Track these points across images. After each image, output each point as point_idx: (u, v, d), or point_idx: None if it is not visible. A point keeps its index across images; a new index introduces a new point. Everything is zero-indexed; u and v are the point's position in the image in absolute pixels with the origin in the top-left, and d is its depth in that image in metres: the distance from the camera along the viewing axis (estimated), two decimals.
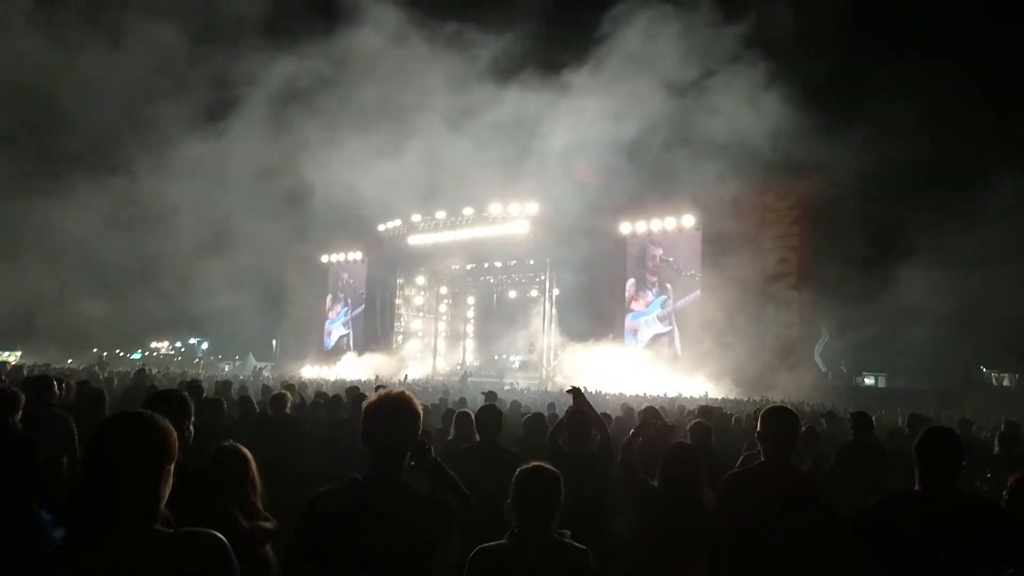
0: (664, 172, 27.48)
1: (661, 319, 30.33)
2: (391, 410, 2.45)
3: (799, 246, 26.96)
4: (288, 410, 6.95)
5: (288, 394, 7.27)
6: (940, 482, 2.84)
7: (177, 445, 1.83)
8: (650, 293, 31.01)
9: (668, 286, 30.38)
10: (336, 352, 39.98)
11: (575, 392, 4.84)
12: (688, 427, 5.77)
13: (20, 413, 4.20)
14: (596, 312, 30.85)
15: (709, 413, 8.29)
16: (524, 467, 2.81)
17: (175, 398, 2.97)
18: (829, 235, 25.42)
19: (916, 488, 2.89)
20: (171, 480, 1.81)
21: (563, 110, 29.81)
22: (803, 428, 5.70)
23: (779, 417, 3.46)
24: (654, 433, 4.49)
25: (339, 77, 31.19)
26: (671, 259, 30.38)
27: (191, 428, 2.91)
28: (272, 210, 34.33)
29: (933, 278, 22.86)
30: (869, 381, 32.03)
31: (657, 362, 27.93)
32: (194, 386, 7.32)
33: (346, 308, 41.63)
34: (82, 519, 1.70)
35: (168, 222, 34.15)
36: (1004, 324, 25.48)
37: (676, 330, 29.62)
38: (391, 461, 2.44)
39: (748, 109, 26.47)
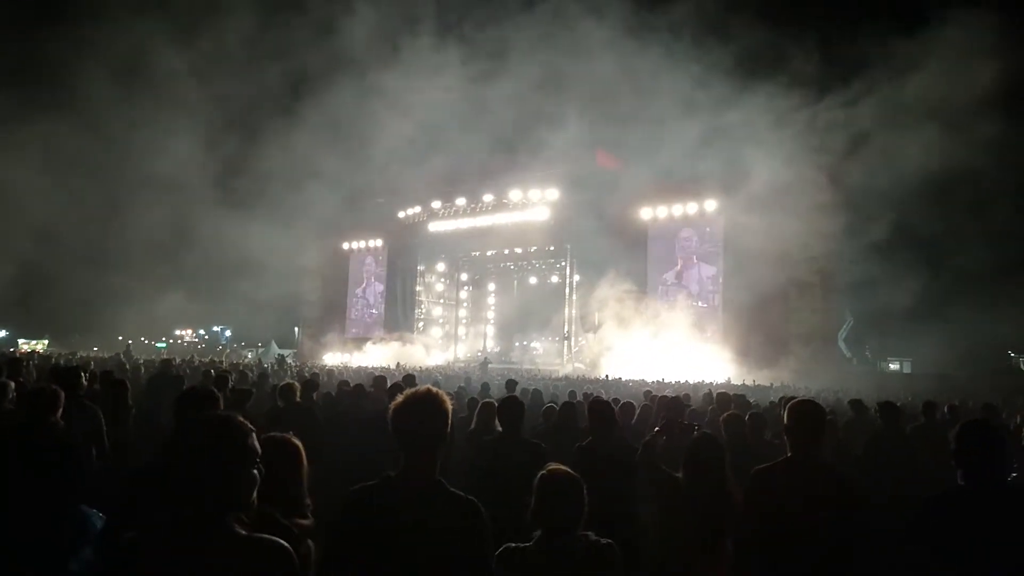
0: (685, 157, 27.27)
1: (699, 297, 29.93)
2: (420, 409, 2.41)
3: (824, 231, 26.60)
4: (299, 399, 6.96)
5: (296, 383, 7.27)
6: (986, 478, 2.84)
7: (255, 444, 1.92)
8: (672, 275, 30.72)
9: (697, 269, 30.05)
10: (366, 336, 39.73)
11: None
12: (722, 419, 5.73)
13: (61, 410, 4.24)
14: (617, 298, 30.72)
15: (728, 401, 8.22)
16: (544, 473, 2.77)
17: (207, 396, 2.99)
18: (854, 219, 25.10)
19: (961, 484, 2.89)
20: (254, 478, 1.90)
21: (578, 98, 29.64)
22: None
23: (807, 411, 3.42)
24: (678, 431, 4.45)
25: (350, 63, 31.20)
26: (698, 241, 30.07)
27: None
28: (293, 198, 34.52)
29: (959, 263, 22.54)
30: (894, 366, 31.71)
31: (680, 347, 27.77)
32: (220, 378, 7.40)
33: (379, 293, 41.44)
34: (161, 514, 1.79)
35: (190, 212, 34.47)
36: None
37: (711, 313, 29.24)
38: (424, 459, 2.40)
39: (769, 94, 26.21)
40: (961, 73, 23.63)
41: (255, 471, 1.90)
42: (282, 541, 1.84)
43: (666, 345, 27.76)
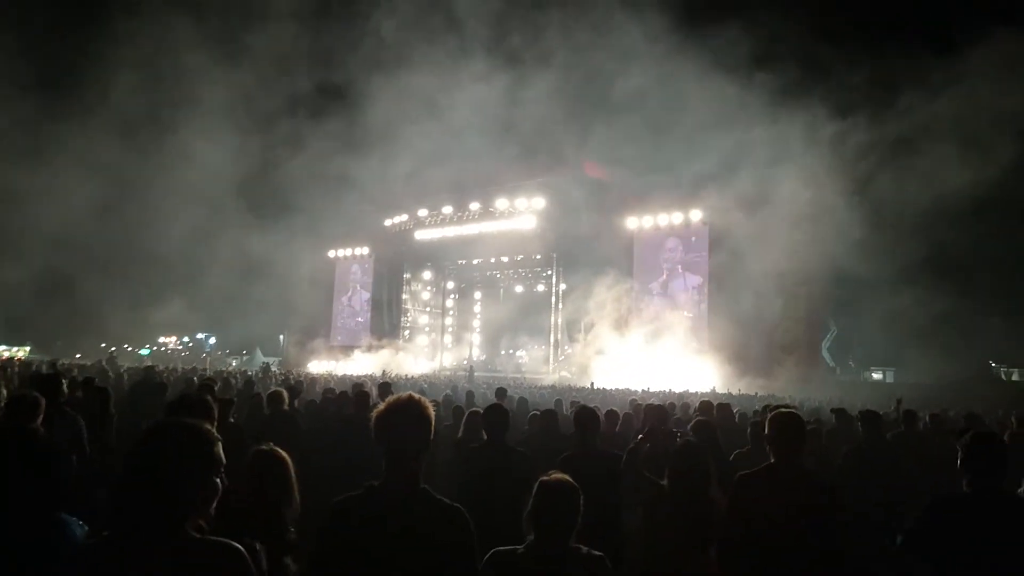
0: (673, 167, 27.45)
1: (684, 307, 30.02)
2: (402, 417, 2.38)
3: (809, 241, 26.77)
4: (286, 407, 6.93)
5: (284, 392, 7.25)
6: (990, 486, 2.90)
7: (220, 454, 1.93)
8: (657, 284, 30.82)
9: (683, 278, 30.15)
10: (352, 344, 39.73)
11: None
12: (690, 426, 5.75)
13: (41, 417, 4.20)
14: (603, 307, 30.78)
15: (710, 409, 8.27)
16: (545, 479, 2.75)
17: (199, 403, 2.97)
18: (837, 230, 25.29)
19: (967, 492, 2.93)
20: (215, 487, 1.91)
21: (565, 108, 29.79)
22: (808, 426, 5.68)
23: (787, 422, 3.48)
24: (661, 438, 4.47)
25: (346, 71, 31.20)
26: (683, 250, 30.19)
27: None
28: (279, 206, 34.43)
29: (943, 273, 22.77)
30: (877, 376, 31.94)
31: (664, 356, 27.83)
32: (205, 386, 7.33)
33: (365, 301, 41.44)
34: (117, 519, 1.81)
35: (177, 218, 34.29)
36: (1013, 319, 25.37)
37: (696, 322, 29.31)
38: (407, 467, 2.38)
39: (756, 105, 26.45)
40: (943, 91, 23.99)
41: (218, 480, 1.92)
42: (234, 543, 1.86)
43: (652, 354, 27.85)
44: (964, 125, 23.07)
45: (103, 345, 39.76)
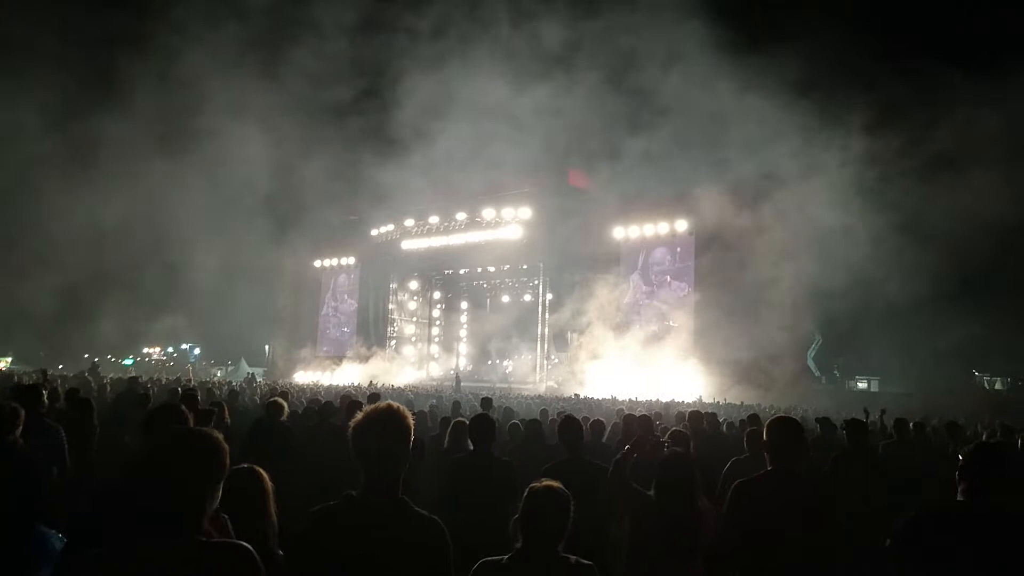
0: (658, 177, 27.58)
1: (671, 316, 30.12)
2: (381, 426, 2.37)
3: (794, 250, 26.93)
4: (284, 418, 6.91)
5: (283, 402, 7.22)
6: (989, 496, 2.85)
7: (227, 462, 2.02)
8: (644, 294, 30.93)
9: (669, 288, 30.28)
10: (339, 354, 39.68)
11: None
12: (666, 436, 5.76)
13: (21, 428, 4.13)
14: (590, 316, 30.83)
15: (700, 419, 8.30)
16: (534, 485, 2.76)
17: (175, 412, 2.97)
18: (823, 239, 25.48)
19: (961, 500, 2.89)
20: (219, 494, 2.00)
21: (551, 117, 29.90)
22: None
23: (787, 427, 3.52)
24: (648, 449, 4.47)
25: (335, 78, 31.21)
26: (670, 260, 30.32)
27: None
28: (265, 215, 34.29)
29: (927, 283, 22.96)
30: (862, 385, 32.09)
31: (652, 365, 27.87)
32: (189, 396, 7.28)
33: (352, 311, 41.39)
34: (129, 524, 1.89)
35: (160, 227, 34.08)
36: (996, 328, 25.61)
37: (682, 331, 29.36)
38: (386, 477, 2.36)
39: (736, 115, 26.65)
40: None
41: (220, 488, 2.00)
42: (243, 543, 1.93)
43: (638, 363, 27.88)
44: (958, 136, 23.36)
45: (86, 355, 39.30)
